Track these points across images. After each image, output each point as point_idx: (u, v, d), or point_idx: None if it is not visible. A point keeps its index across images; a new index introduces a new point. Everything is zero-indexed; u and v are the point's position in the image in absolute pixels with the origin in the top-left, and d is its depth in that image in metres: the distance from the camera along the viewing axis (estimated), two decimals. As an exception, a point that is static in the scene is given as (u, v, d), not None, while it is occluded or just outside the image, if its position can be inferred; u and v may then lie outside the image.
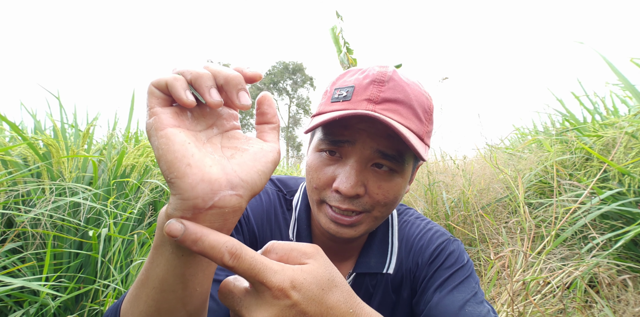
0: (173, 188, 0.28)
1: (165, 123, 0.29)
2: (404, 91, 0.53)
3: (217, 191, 0.28)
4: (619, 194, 1.56)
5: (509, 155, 2.55)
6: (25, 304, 1.15)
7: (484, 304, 0.56)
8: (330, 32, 2.08)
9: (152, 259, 0.32)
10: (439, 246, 0.64)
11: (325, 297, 0.28)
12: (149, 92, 0.30)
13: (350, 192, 0.51)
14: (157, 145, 0.28)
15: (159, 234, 0.31)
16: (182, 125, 0.30)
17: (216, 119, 0.33)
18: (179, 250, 0.30)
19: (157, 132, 0.28)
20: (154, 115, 0.29)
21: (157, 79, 0.30)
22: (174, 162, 0.27)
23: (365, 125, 0.51)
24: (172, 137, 0.28)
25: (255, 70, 0.32)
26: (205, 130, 0.32)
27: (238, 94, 0.30)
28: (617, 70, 1.69)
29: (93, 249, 1.29)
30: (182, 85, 0.29)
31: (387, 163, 0.53)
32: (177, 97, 0.29)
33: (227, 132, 0.34)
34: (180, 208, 0.28)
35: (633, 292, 1.26)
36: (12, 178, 1.30)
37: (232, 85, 0.30)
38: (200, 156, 0.28)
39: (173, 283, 0.31)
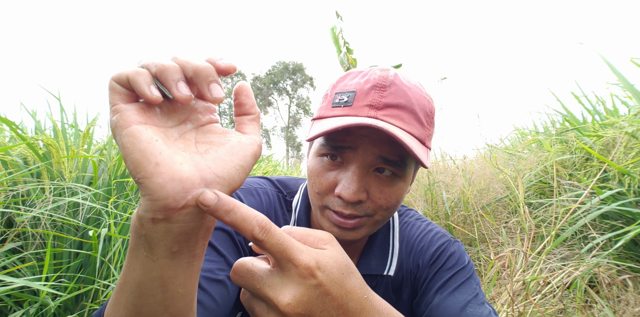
0: (142, 188, 0.26)
1: (130, 120, 0.27)
2: (405, 96, 0.53)
3: (189, 189, 0.27)
4: (619, 194, 1.56)
5: (509, 155, 2.55)
6: (25, 304, 1.15)
7: (485, 305, 0.56)
8: (330, 32, 2.08)
9: (127, 263, 0.30)
10: (439, 248, 0.64)
11: (345, 281, 0.28)
12: (110, 87, 0.28)
13: (352, 198, 0.51)
14: (122, 144, 0.27)
15: (133, 237, 0.29)
16: (149, 121, 0.28)
17: (190, 113, 0.31)
18: (154, 253, 0.28)
19: (121, 130, 0.27)
20: (117, 112, 0.27)
21: (117, 73, 0.28)
22: (140, 162, 0.26)
23: (367, 131, 0.51)
24: (138, 135, 0.26)
25: (228, 61, 0.30)
26: (178, 126, 0.30)
27: (209, 87, 0.28)
28: (616, 70, 1.69)
29: (93, 249, 1.29)
30: (145, 79, 0.27)
31: (389, 168, 0.53)
32: (140, 93, 0.27)
33: (203, 127, 0.32)
34: (151, 209, 0.26)
35: (633, 292, 1.26)
36: (12, 178, 1.29)
37: (202, 77, 0.28)
38: (169, 154, 0.27)
39: (151, 287, 0.29)
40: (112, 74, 0.28)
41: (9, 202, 1.28)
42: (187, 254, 0.29)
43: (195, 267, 0.31)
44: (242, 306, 0.62)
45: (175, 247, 0.28)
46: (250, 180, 0.67)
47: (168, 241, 0.28)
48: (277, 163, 4.50)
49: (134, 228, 0.29)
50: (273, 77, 32.42)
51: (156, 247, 0.28)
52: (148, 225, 0.27)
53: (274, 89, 32.82)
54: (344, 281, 0.28)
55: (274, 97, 33.07)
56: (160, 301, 0.30)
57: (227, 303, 0.50)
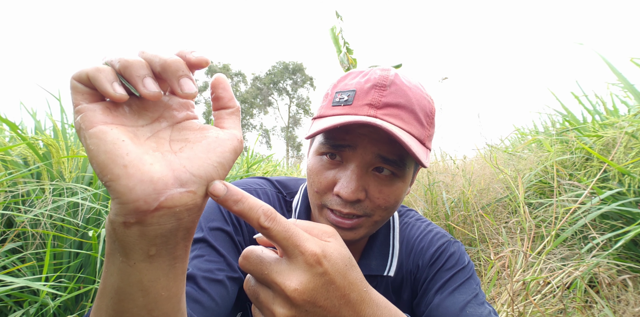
0: (110, 191, 0.25)
1: (94, 120, 0.25)
2: (405, 95, 0.53)
3: (162, 190, 0.25)
4: (619, 194, 1.56)
5: (509, 155, 2.55)
6: (25, 304, 1.15)
7: (485, 306, 0.56)
8: (330, 32, 2.08)
9: (105, 268, 0.29)
10: (439, 248, 0.64)
11: (348, 273, 0.29)
12: (71, 87, 0.26)
13: (351, 197, 0.51)
14: (87, 146, 0.25)
15: (108, 242, 0.28)
16: (116, 121, 0.27)
17: (164, 110, 0.30)
18: (130, 258, 0.27)
19: (85, 131, 0.25)
20: (81, 112, 0.26)
21: (78, 71, 0.26)
22: (106, 164, 0.25)
23: (366, 130, 0.51)
24: (102, 136, 0.25)
25: (200, 54, 0.28)
26: (150, 124, 0.29)
27: (179, 82, 0.27)
28: (616, 70, 1.69)
29: (93, 249, 1.29)
30: (106, 76, 0.25)
31: (389, 167, 0.52)
32: (103, 92, 0.25)
33: (179, 124, 0.30)
34: (122, 213, 0.25)
35: (633, 292, 1.26)
36: (12, 178, 1.29)
37: (171, 72, 0.26)
38: (137, 154, 0.26)
39: (130, 292, 0.28)
40: (73, 72, 0.26)
41: (9, 203, 1.28)
42: (166, 257, 0.28)
43: (178, 269, 0.30)
44: (242, 306, 0.62)
45: (152, 251, 0.27)
46: (250, 180, 0.67)
47: (144, 245, 0.27)
48: (277, 163, 4.49)
49: (107, 233, 0.28)
50: (273, 77, 32.42)
51: (131, 252, 0.27)
52: (120, 229, 0.26)
53: (274, 89, 32.81)
54: (347, 272, 0.29)
55: (274, 97, 33.07)
56: (142, 306, 0.29)
57: (227, 303, 0.50)
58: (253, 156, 3.45)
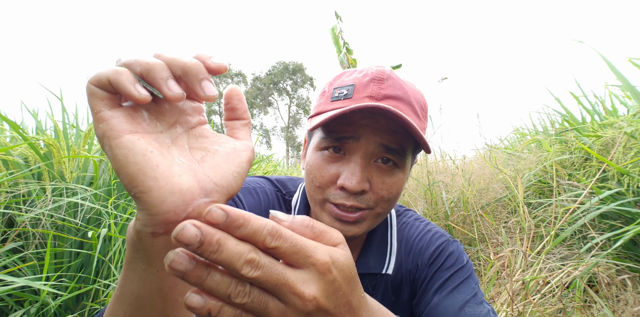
0: (139, 203, 0.25)
1: (119, 129, 0.25)
2: (402, 88, 0.54)
3: (189, 201, 0.25)
4: (618, 194, 1.56)
5: (509, 155, 2.55)
6: (26, 303, 1.15)
7: (483, 305, 0.56)
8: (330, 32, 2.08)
9: (125, 276, 0.29)
10: (438, 247, 0.64)
11: (352, 279, 0.29)
12: (90, 93, 0.25)
13: (356, 188, 0.51)
14: (114, 157, 0.25)
15: (130, 250, 0.28)
16: (139, 129, 0.26)
17: (179, 115, 0.29)
18: (152, 266, 0.27)
19: (110, 140, 0.25)
20: (103, 120, 0.25)
21: (96, 75, 0.25)
22: (136, 176, 0.24)
23: (368, 120, 0.52)
24: (131, 146, 0.25)
25: (219, 61, 0.28)
26: (168, 130, 0.29)
27: (201, 85, 0.27)
28: (616, 70, 1.70)
29: (93, 248, 1.29)
30: (128, 79, 0.25)
31: (391, 157, 0.53)
32: (126, 94, 0.25)
33: (194, 130, 0.30)
34: (151, 224, 0.25)
35: (632, 292, 1.26)
36: (13, 178, 1.30)
37: (193, 75, 0.26)
38: (166, 166, 0.25)
39: (150, 299, 0.29)
40: (89, 77, 0.25)
41: (9, 202, 1.28)
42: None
43: None
44: None
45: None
46: (250, 179, 0.67)
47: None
48: (277, 163, 4.50)
49: (131, 242, 0.28)
50: (273, 77, 32.41)
51: (156, 260, 0.27)
52: (148, 239, 0.26)
53: (274, 89, 32.81)
54: (351, 278, 0.29)
55: (274, 97, 33.06)
56: (160, 311, 0.29)
57: None
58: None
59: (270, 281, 0.25)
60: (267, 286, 0.25)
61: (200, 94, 0.27)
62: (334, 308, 0.27)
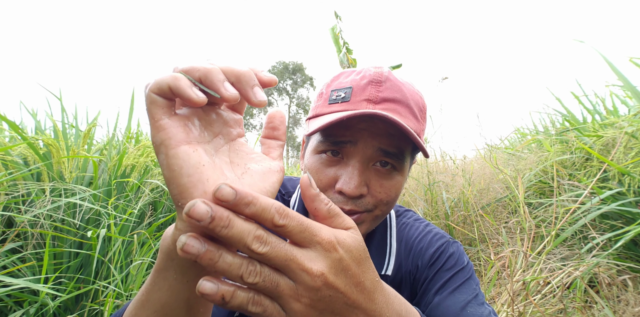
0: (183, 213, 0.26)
1: (177, 139, 0.26)
2: (400, 91, 0.54)
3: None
4: (618, 194, 1.56)
5: (509, 155, 2.55)
6: (25, 304, 1.15)
7: (484, 306, 0.56)
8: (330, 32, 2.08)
9: (153, 282, 0.30)
10: (439, 248, 0.63)
11: (362, 261, 0.30)
12: (151, 101, 0.26)
13: (354, 192, 0.51)
14: (168, 166, 0.26)
15: (163, 258, 0.29)
16: (192, 138, 0.28)
17: (222, 126, 0.31)
18: (184, 276, 0.29)
19: (167, 150, 0.26)
20: (162, 129, 0.26)
21: (155, 82, 0.26)
22: (187, 188, 0.25)
23: (366, 124, 0.51)
24: (186, 158, 0.26)
25: (270, 75, 0.30)
26: (213, 140, 0.30)
27: (253, 90, 0.28)
28: (617, 69, 1.69)
29: (93, 249, 1.29)
30: (186, 83, 0.26)
31: (389, 160, 0.53)
32: (185, 97, 0.26)
33: (234, 143, 0.32)
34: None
35: (633, 292, 1.26)
36: (12, 178, 1.30)
37: (245, 81, 0.28)
38: (214, 180, 0.27)
39: (176, 308, 0.30)
40: (149, 86, 0.26)
41: (8, 202, 1.28)
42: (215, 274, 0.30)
43: None
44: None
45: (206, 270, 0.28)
46: None
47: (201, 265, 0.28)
48: (277, 163, 4.48)
49: (166, 251, 0.28)
50: (273, 77, 32.39)
51: (189, 271, 0.28)
52: None
53: (274, 89, 32.81)
54: (361, 260, 0.29)
55: (274, 97, 33.07)
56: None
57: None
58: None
59: (279, 257, 0.25)
60: (276, 263, 0.26)
61: (252, 99, 0.28)
62: (344, 287, 0.28)
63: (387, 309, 0.32)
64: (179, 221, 0.27)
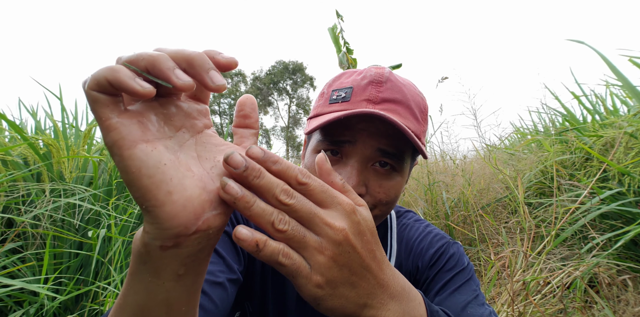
0: (150, 216, 0.24)
1: (131, 139, 0.24)
2: (401, 91, 0.53)
3: (200, 214, 0.25)
4: (618, 194, 1.56)
5: (509, 155, 2.55)
6: (25, 304, 1.15)
7: (485, 306, 0.56)
8: (330, 31, 2.08)
9: (129, 286, 0.29)
10: (439, 249, 0.63)
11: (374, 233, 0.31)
12: (93, 100, 0.23)
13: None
14: (124, 168, 0.24)
15: (136, 261, 0.28)
16: (149, 136, 0.25)
17: (185, 119, 0.29)
18: (159, 278, 0.27)
19: (122, 151, 0.23)
20: (113, 129, 0.23)
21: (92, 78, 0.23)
22: (149, 189, 0.24)
23: (365, 125, 0.51)
24: (144, 158, 0.24)
25: (229, 56, 0.27)
26: (175, 135, 0.28)
27: (209, 75, 0.25)
28: (616, 69, 1.69)
29: (93, 249, 1.29)
30: (126, 74, 0.23)
31: (388, 161, 0.53)
32: (129, 90, 0.22)
33: (200, 135, 0.30)
34: (160, 237, 0.25)
35: (633, 292, 1.26)
36: (12, 178, 1.29)
37: (198, 65, 0.25)
38: (179, 179, 0.25)
39: (155, 309, 0.28)
40: (86, 83, 0.23)
41: (9, 203, 1.28)
42: (192, 275, 0.29)
43: (198, 284, 0.31)
44: (240, 306, 0.62)
45: (182, 270, 0.28)
46: None
47: (175, 266, 0.27)
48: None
49: (137, 254, 0.27)
50: (273, 77, 32.41)
51: (163, 272, 0.27)
52: (156, 252, 0.26)
53: (274, 89, 32.81)
54: (373, 232, 0.31)
55: (274, 97, 33.06)
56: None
57: (226, 305, 0.50)
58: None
59: (304, 210, 0.27)
60: (301, 215, 0.27)
61: (209, 85, 0.26)
62: (360, 248, 0.29)
63: (394, 281, 0.33)
64: (146, 223, 0.26)
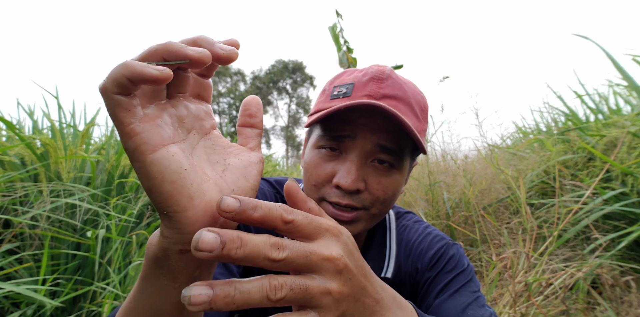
0: (170, 221, 0.25)
1: (152, 144, 0.24)
2: (401, 89, 0.54)
3: (218, 217, 0.26)
4: (621, 194, 1.54)
5: (511, 155, 2.54)
6: (22, 305, 1.14)
7: (485, 308, 0.55)
8: (330, 30, 2.07)
9: (140, 290, 0.29)
10: (439, 251, 0.63)
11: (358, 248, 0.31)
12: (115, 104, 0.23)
13: (351, 186, 0.50)
14: (147, 174, 0.24)
15: (150, 266, 0.28)
16: (166, 139, 0.25)
17: (194, 120, 0.29)
18: (175, 281, 0.28)
19: (144, 157, 0.23)
20: (135, 135, 0.23)
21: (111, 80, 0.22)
22: (172, 195, 0.24)
23: (366, 120, 0.51)
24: (166, 163, 0.24)
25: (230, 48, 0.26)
26: (188, 137, 0.28)
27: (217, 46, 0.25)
28: (621, 68, 1.68)
29: (91, 250, 1.28)
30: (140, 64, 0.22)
31: (387, 158, 0.53)
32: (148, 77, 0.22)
33: (208, 137, 0.30)
34: (180, 241, 0.25)
35: (636, 294, 1.25)
36: (9, 179, 1.28)
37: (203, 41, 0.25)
38: (198, 183, 0.25)
39: (169, 311, 0.29)
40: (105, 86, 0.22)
41: (7, 203, 1.27)
42: (205, 276, 0.29)
43: None
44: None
45: (197, 272, 0.28)
46: None
47: (192, 268, 0.27)
48: (277, 163, 4.49)
49: (153, 259, 0.27)
50: (273, 77, 32.42)
51: (180, 275, 0.28)
52: (175, 256, 0.26)
53: (273, 89, 32.82)
54: (356, 247, 0.31)
55: (274, 97, 33.07)
56: None
57: None
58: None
59: (300, 255, 0.25)
60: (298, 263, 0.25)
61: (221, 54, 0.25)
62: (355, 269, 0.28)
63: (385, 293, 0.32)
64: (165, 228, 0.26)
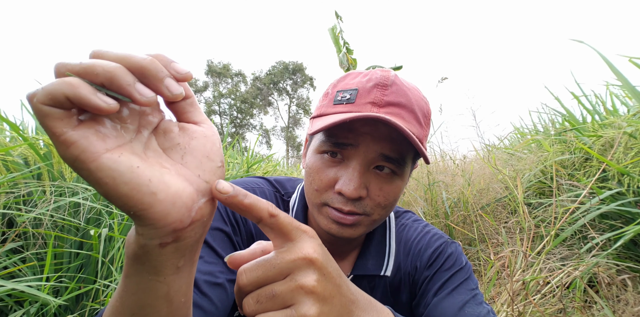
0: (142, 219, 0.24)
1: (93, 150, 0.22)
2: (405, 95, 0.53)
3: (191, 206, 0.26)
4: (618, 194, 1.56)
5: (509, 155, 2.55)
6: (25, 303, 1.15)
7: (483, 305, 0.56)
8: (329, 32, 2.08)
9: (125, 288, 0.28)
10: (437, 249, 0.64)
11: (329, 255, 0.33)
12: (44, 114, 0.21)
13: (353, 194, 0.51)
14: (98, 181, 0.22)
15: (131, 264, 0.27)
16: (110, 144, 0.23)
17: (139, 118, 0.26)
18: (160, 275, 0.27)
19: (88, 165, 0.22)
20: (71, 143, 0.21)
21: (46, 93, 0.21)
22: (131, 195, 0.23)
23: (369, 128, 0.51)
24: (114, 166, 0.22)
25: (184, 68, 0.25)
26: (136, 137, 0.26)
27: (165, 84, 0.24)
28: (616, 69, 1.69)
29: (94, 249, 1.29)
30: (89, 90, 0.21)
31: (390, 166, 0.53)
32: (92, 107, 0.21)
33: (159, 128, 0.28)
34: (157, 236, 0.25)
35: (632, 292, 1.26)
36: (13, 179, 1.30)
37: (152, 76, 0.23)
38: (157, 177, 0.24)
39: (156, 305, 0.28)
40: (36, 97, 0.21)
41: (10, 203, 1.28)
42: (189, 265, 0.29)
43: (194, 272, 0.31)
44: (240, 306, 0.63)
45: (181, 262, 0.28)
46: (249, 180, 0.67)
47: (175, 259, 0.27)
48: (277, 163, 4.50)
49: (134, 257, 0.27)
50: (273, 77, 32.39)
51: (164, 268, 0.27)
52: (155, 251, 0.26)
53: (274, 89, 32.80)
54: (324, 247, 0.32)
55: (274, 97, 33.06)
56: (166, 315, 0.30)
57: (226, 306, 0.50)
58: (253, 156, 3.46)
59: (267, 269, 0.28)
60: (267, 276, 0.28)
61: (167, 95, 0.24)
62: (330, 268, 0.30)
63: (360, 295, 0.34)
64: (139, 227, 0.25)
